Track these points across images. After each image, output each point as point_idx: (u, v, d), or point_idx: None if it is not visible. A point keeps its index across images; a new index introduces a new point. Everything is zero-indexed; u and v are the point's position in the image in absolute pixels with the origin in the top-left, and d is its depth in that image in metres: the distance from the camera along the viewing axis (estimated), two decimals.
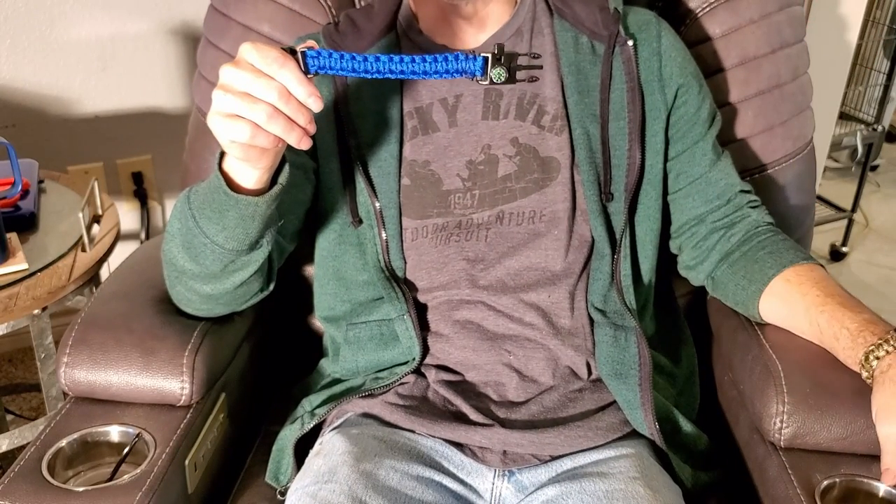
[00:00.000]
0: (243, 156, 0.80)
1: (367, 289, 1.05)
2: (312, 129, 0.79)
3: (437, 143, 1.03)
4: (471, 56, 0.84)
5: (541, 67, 1.03)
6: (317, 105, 0.77)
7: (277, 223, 0.94)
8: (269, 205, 0.88)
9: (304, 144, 0.79)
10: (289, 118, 0.77)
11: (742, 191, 1.09)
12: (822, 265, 1.05)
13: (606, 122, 1.03)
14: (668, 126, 1.05)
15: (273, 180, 0.87)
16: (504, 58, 0.85)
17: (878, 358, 0.90)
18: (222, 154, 0.85)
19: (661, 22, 1.07)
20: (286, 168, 0.88)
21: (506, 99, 1.04)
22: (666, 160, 1.06)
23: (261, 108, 0.75)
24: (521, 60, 1.00)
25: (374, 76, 0.81)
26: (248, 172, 0.84)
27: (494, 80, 0.85)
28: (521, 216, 1.02)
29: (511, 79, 0.86)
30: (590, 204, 1.02)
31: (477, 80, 0.86)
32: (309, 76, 0.78)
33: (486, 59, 0.84)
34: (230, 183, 0.85)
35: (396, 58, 0.81)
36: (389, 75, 0.81)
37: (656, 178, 1.05)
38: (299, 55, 0.78)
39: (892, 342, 0.90)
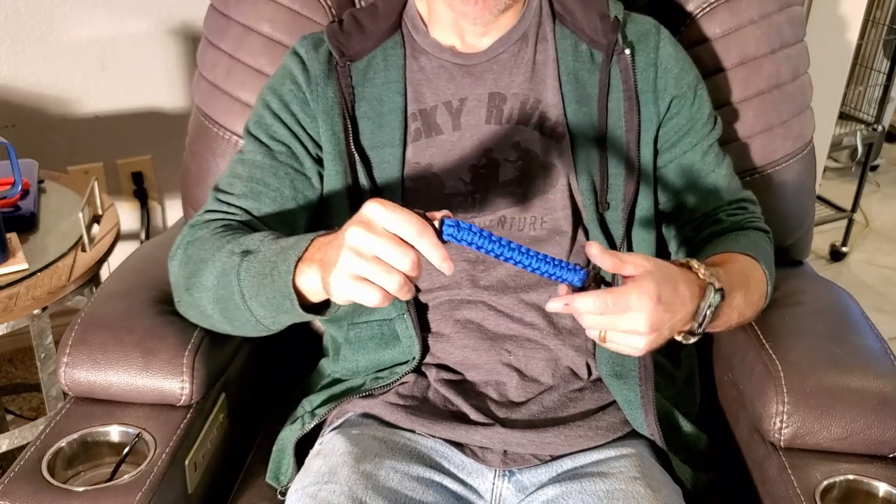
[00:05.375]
0: (349, 300, 0.77)
1: None
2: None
3: (441, 147, 1.03)
4: (578, 269, 0.80)
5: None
6: (450, 269, 0.74)
7: None
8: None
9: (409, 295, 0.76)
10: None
11: (736, 200, 1.08)
12: (765, 270, 1.00)
13: (605, 130, 1.03)
14: (657, 136, 1.05)
15: None
16: (600, 282, 0.82)
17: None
18: (296, 268, 0.82)
19: (661, 31, 1.06)
20: None
21: (509, 104, 1.03)
22: (657, 169, 1.06)
23: (395, 277, 0.73)
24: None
25: (498, 257, 0.78)
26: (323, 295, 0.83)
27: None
28: (523, 221, 1.01)
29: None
30: (587, 213, 1.02)
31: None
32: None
33: (586, 274, 0.81)
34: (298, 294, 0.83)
35: (524, 249, 0.77)
36: (510, 262, 0.78)
37: (652, 187, 1.05)
38: (436, 222, 0.75)
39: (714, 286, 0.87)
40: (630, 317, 0.80)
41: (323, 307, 0.86)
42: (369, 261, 0.73)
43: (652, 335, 0.81)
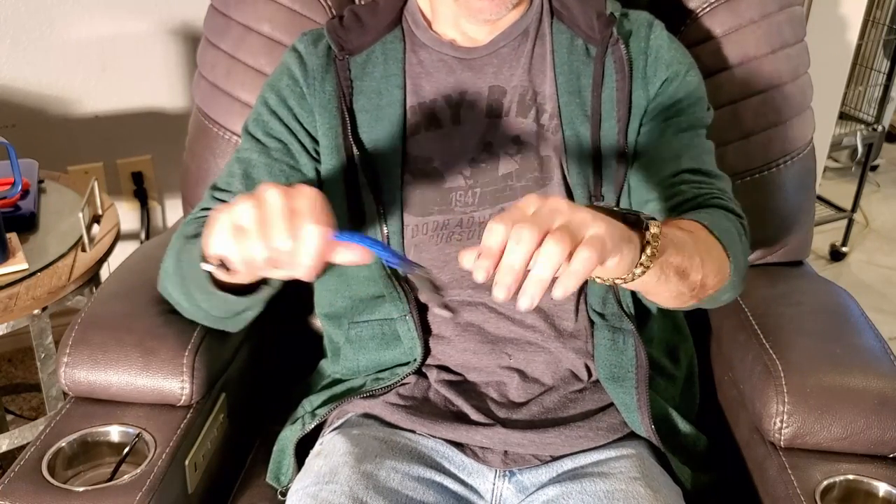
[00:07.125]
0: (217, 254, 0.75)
1: (367, 285, 1.04)
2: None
3: (440, 140, 1.03)
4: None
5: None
6: (310, 277, 0.70)
7: (272, 293, 0.91)
8: (257, 301, 0.88)
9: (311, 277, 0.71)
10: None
11: (699, 170, 0.99)
12: (720, 241, 0.88)
13: (598, 122, 1.02)
14: (643, 118, 1.03)
15: None
16: None
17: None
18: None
19: (655, 24, 1.06)
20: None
21: (508, 97, 1.03)
22: (637, 146, 1.02)
23: (261, 247, 0.69)
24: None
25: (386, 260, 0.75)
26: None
27: None
28: None
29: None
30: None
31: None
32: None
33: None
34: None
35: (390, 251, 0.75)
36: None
37: None
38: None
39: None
40: (531, 206, 0.69)
41: (253, 288, 0.86)
42: (256, 219, 0.68)
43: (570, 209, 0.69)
